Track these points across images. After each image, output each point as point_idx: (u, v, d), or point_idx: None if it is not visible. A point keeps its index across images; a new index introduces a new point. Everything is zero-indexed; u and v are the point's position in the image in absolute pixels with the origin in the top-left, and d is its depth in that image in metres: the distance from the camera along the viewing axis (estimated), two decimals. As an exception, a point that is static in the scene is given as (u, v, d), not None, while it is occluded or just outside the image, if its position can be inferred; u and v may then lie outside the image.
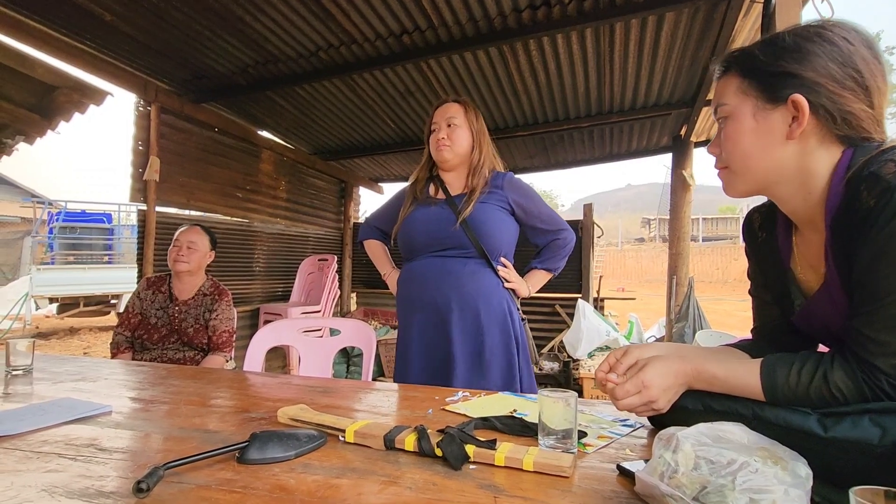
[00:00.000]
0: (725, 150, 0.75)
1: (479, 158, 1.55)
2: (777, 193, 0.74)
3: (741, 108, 0.72)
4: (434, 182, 1.60)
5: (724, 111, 0.75)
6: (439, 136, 1.53)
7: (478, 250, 1.47)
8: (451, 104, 1.57)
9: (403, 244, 1.58)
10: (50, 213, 9.78)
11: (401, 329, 1.56)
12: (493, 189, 1.52)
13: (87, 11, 2.50)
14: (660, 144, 4.80)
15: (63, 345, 6.77)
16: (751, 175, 0.74)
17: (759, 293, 0.88)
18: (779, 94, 0.69)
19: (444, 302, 1.45)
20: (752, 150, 0.72)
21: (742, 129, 0.72)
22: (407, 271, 1.56)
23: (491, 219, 1.48)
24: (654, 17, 2.57)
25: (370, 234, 1.78)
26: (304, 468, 0.67)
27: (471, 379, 1.41)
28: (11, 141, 3.48)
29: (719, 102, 0.75)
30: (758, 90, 0.71)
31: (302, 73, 3.26)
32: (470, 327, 1.45)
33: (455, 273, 1.46)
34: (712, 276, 19.39)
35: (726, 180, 0.77)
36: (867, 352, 0.61)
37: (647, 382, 0.73)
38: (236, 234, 4.22)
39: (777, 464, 0.51)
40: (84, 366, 1.37)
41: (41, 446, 0.75)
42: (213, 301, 2.10)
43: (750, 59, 0.72)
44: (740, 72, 0.73)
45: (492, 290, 1.48)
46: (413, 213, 1.55)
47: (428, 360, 1.47)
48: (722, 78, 0.76)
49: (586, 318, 3.86)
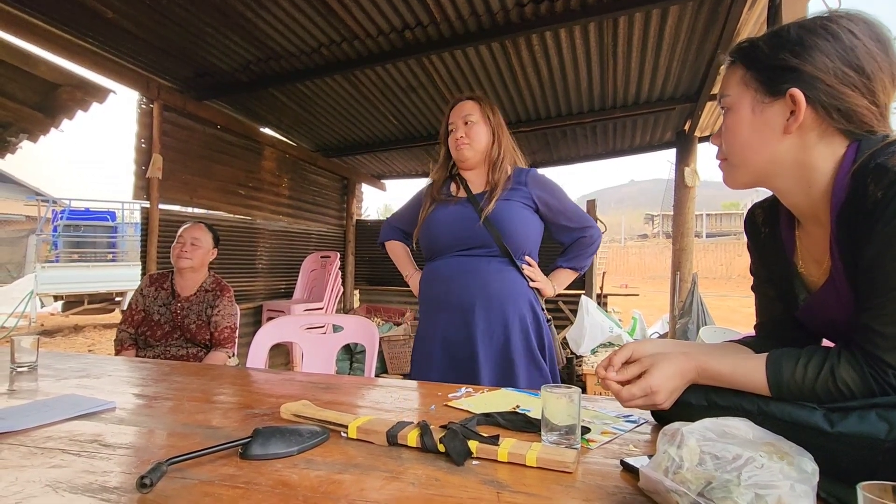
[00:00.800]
0: (725, 141, 0.75)
1: (498, 153, 1.51)
2: (777, 186, 0.74)
3: (741, 100, 0.72)
4: (455, 181, 1.57)
5: (725, 102, 0.75)
6: (458, 136, 1.50)
7: (501, 249, 1.43)
8: (467, 101, 1.54)
9: (426, 244, 1.55)
10: (54, 212, 9.83)
11: (423, 328, 1.53)
12: (516, 185, 1.48)
13: (89, 9, 2.50)
14: (663, 140, 4.78)
15: (68, 342, 6.82)
16: (748, 167, 0.74)
17: (763, 288, 0.87)
18: (778, 87, 0.68)
19: (469, 301, 1.42)
20: (749, 143, 0.72)
21: (741, 121, 0.72)
22: (430, 271, 1.53)
23: (514, 216, 1.45)
24: (657, 11, 2.55)
25: (391, 234, 1.74)
26: (306, 464, 0.67)
27: (497, 380, 1.38)
28: (15, 139, 3.50)
29: (722, 93, 0.75)
30: (758, 83, 0.70)
31: (304, 70, 3.25)
32: (495, 327, 1.41)
33: (479, 272, 1.43)
34: (716, 273, 19.34)
35: (726, 172, 0.77)
36: (874, 346, 0.60)
37: (655, 388, 0.72)
38: (239, 232, 4.23)
39: (783, 459, 0.51)
40: (88, 362, 1.38)
41: (45, 442, 0.75)
42: (214, 297, 2.10)
43: (753, 51, 0.72)
44: (744, 63, 0.73)
45: (517, 289, 1.45)
46: (434, 213, 1.52)
47: (451, 360, 1.44)
48: (728, 69, 0.76)
49: (589, 314, 3.85)
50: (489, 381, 1.37)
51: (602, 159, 5.39)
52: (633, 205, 66.25)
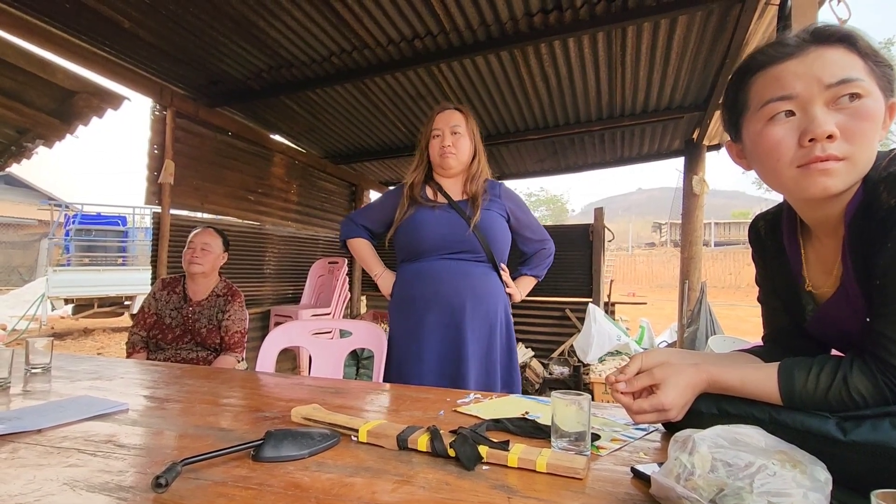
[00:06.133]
0: (858, 130, 0.61)
1: (478, 167, 1.62)
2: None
3: (875, 91, 0.62)
4: (431, 185, 1.63)
5: (860, 87, 0.61)
6: (445, 144, 1.58)
7: (487, 255, 1.53)
8: (454, 112, 1.62)
9: (406, 245, 1.58)
10: (66, 216, 9.95)
11: (402, 328, 1.56)
12: (493, 197, 1.59)
13: (106, 18, 2.56)
14: (672, 148, 4.77)
15: (77, 345, 6.88)
16: (865, 168, 0.63)
17: (769, 300, 0.87)
18: (892, 94, 0.64)
19: (460, 302, 1.49)
20: (875, 141, 0.63)
21: (879, 115, 0.62)
22: (412, 271, 1.57)
23: (497, 226, 1.57)
24: (666, 21, 2.56)
25: (356, 232, 1.73)
26: (318, 467, 0.68)
27: (481, 380, 1.46)
28: (31, 145, 3.56)
29: (850, 77, 0.61)
30: (881, 80, 0.63)
31: (315, 78, 3.29)
32: (481, 329, 1.50)
33: (469, 275, 1.51)
34: (725, 282, 19.15)
35: (840, 173, 0.62)
36: (888, 353, 0.60)
37: (668, 405, 0.70)
38: (248, 237, 4.27)
39: (796, 467, 0.51)
40: (100, 365, 1.39)
41: (61, 442, 0.76)
42: (226, 302, 2.12)
43: (870, 46, 0.63)
44: (859, 53, 0.63)
45: (498, 293, 1.57)
46: (416, 216, 1.56)
47: (440, 361, 1.48)
48: (836, 48, 0.63)
49: (597, 322, 3.83)
50: (475, 381, 1.44)
51: (610, 167, 5.39)
52: (641, 213, 66.00)
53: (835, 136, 0.61)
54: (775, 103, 0.65)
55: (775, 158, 0.66)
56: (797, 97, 0.63)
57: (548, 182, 77.87)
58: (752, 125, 0.69)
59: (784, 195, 0.74)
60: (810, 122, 0.62)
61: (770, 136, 0.65)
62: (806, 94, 0.63)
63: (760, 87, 0.67)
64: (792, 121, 0.64)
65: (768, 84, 0.66)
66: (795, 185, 0.65)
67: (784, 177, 0.66)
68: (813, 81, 0.62)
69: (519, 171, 5.62)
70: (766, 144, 0.66)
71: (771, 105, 0.65)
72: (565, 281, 4.52)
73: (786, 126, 0.64)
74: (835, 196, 0.65)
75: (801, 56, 0.64)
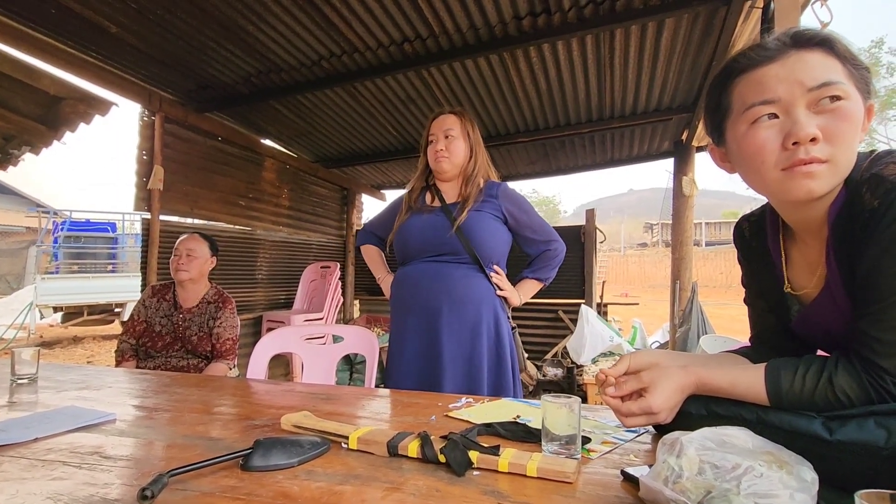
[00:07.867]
0: (839, 134, 0.62)
1: (473, 168, 1.60)
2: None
3: (854, 93, 0.63)
4: (430, 191, 1.64)
5: (840, 90, 0.62)
6: (437, 148, 1.58)
7: (471, 257, 1.51)
8: (448, 115, 1.63)
9: (399, 250, 1.63)
10: (55, 223, 9.85)
11: (394, 332, 1.59)
12: (487, 198, 1.57)
13: (93, 24, 2.54)
14: (661, 149, 4.81)
15: (67, 354, 6.79)
16: (846, 170, 0.64)
17: (755, 301, 0.88)
18: (869, 96, 0.65)
19: (436, 305, 1.48)
20: (856, 143, 0.64)
21: (858, 117, 0.63)
22: (400, 275, 1.60)
23: (484, 226, 1.52)
24: (654, 24, 2.58)
25: (368, 239, 1.83)
26: (307, 475, 0.67)
27: (461, 383, 1.44)
28: (18, 151, 3.52)
29: (830, 80, 0.62)
30: (858, 82, 0.64)
31: (304, 82, 3.28)
32: (462, 332, 1.47)
33: (446, 277, 1.50)
34: (716, 281, 19.30)
35: (824, 175, 0.63)
36: (872, 352, 0.61)
37: (656, 409, 0.71)
38: (239, 242, 4.24)
39: (782, 468, 0.51)
40: (88, 374, 1.37)
41: (46, 454, 0.75)
42: (216, 309, 2.11)
43: (848, 50, 0.65)
44: (838, 57, 0.64)
45: (483, 295, 1.52)
46: (408, 221, 1.59)
47: (418, 363, 1.49)
48: (816, 52, 0.64)
49: (590, 323, 3.85)
50: (452, 385, 1.42)
51: (601, 169, 5.42)
52: (633, 214, 66.43)
53: (818, 138, 0.62)
54: (758, 107, 0.65)
55: (759, 161, 0.66)
56: (780, 101, 0.64)
57: (539, 184, 78.08)
58: (735, 128, 0.69)
59: (768, 197, 0.75)
60: (793, 124, 0.63)
61: (754, 140, 0.66)
62: (788, 97, 0.63)
63: (743, 90, 0.68)
64: (775, 123, 0.65)
65: (751, 88, 0.67)
66: (779, 188, 0.66)
67: (768, 179, 0.67)
68: (795, 85, 0.63)
69: (510, 173, 5.64)
70: (750, 148, 0.67)
71: (754, 109, 0.66)
72: (558, 283, 4.49)
73: (769, 129, 0.65)
74: (818, 198, 0.65)
75: (781, 60, 0.65)
